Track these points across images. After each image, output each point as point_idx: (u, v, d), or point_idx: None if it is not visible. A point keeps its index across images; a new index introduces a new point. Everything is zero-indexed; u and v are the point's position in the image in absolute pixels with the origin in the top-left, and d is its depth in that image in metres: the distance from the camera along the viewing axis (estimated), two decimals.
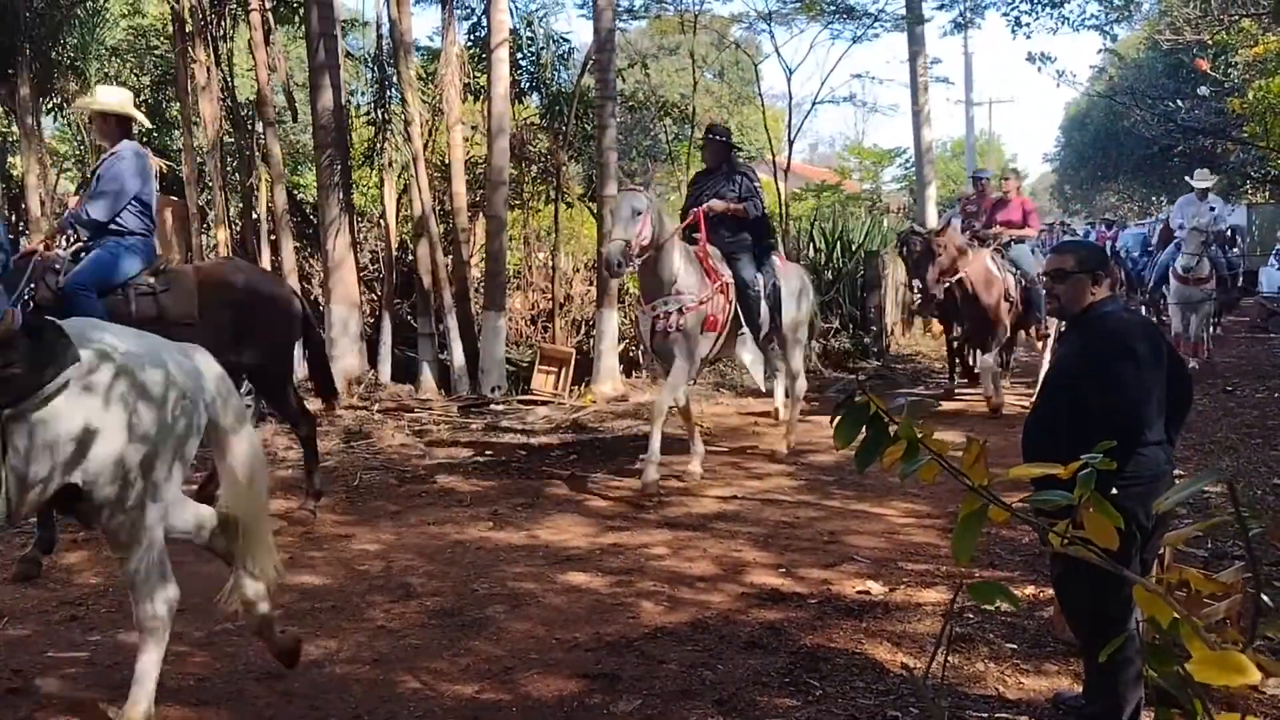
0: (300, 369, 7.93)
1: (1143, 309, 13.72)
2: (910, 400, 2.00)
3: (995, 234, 10.25)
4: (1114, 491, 2.33)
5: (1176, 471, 3.46)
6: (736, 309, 7.42)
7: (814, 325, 9.31)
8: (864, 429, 1.96)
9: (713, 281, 7.24)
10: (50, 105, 14.37)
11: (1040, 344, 10.90)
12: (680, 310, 7.00)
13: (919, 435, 1.92)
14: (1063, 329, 7.78)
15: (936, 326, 13.82)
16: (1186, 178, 13.26)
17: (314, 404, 7.44)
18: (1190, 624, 1.40)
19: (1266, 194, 26.97)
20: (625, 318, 12.74)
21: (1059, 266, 3.58)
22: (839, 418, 2.03)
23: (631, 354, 12.84)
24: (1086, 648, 3.48)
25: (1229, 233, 14.32)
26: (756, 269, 7.65)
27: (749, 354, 7.78)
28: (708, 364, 8.32)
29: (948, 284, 9.45)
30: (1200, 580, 1.63)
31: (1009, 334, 10.05)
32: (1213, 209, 12.66)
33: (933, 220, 17.69)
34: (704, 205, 7.54)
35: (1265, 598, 3.20)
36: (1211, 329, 15.49)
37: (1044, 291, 9.11)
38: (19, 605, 5.00)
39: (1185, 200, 13.04)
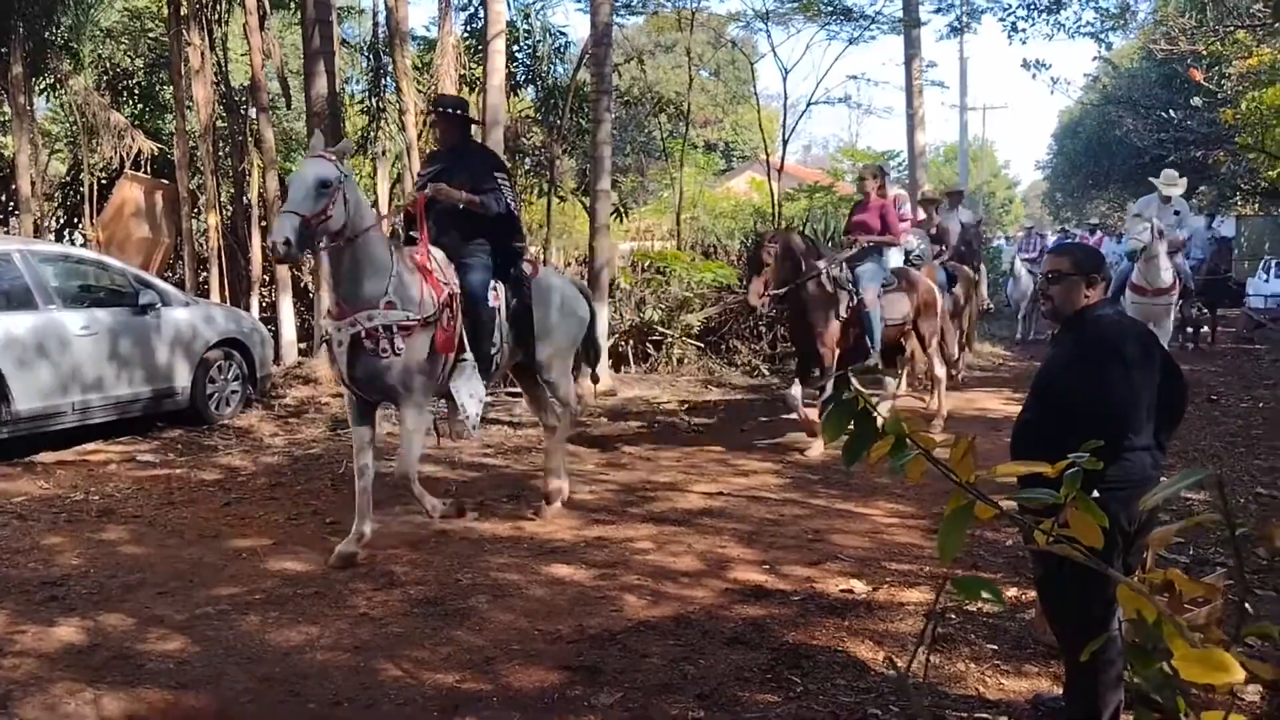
0: None
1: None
2: (898, 400, 2.00)
3: (851, 242, 8.80)
4: (1095, 494, 2.34)
5: (1161, 479, 3.46)
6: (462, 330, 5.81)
7: (594, 350, 7.42)
8: (852, 424, 1.96)
9: (438, 294, 5.62)
10: (43, 86, 14.28)
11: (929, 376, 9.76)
12: (394, 330, 5.34)
13: (906, 431, 1.92)
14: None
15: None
16: (1151, 179, 12.29)
17: None
18: (1174, 622, 1.41)
19: (1256, 205, 27.11)
20: (615, 311, 12.73)
21: (1055, 268, 3.59)
22: (827, 413, 2.03)
23: (621, 349, 12.83)
24: (1067, 649, 3.48)
25: (1188, 241, 13.31)
26: (496, 279, 6.03)
27: (467, 389, 5.85)
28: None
29: (768, 298, 8.18)
30: (1185, 582, 1.63)
31: (834, 364, 8.22)
32: (1177, 213, 11.82)
33: None
34: (426, 190, 5.99)
35: (1247, 604, 3.21)
36: (1195, 343, 15.47)
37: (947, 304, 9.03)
38: None
39: (1146, 201, 12.07)
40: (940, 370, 9.31)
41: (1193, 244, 15.62)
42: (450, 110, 6.27)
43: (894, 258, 9.67)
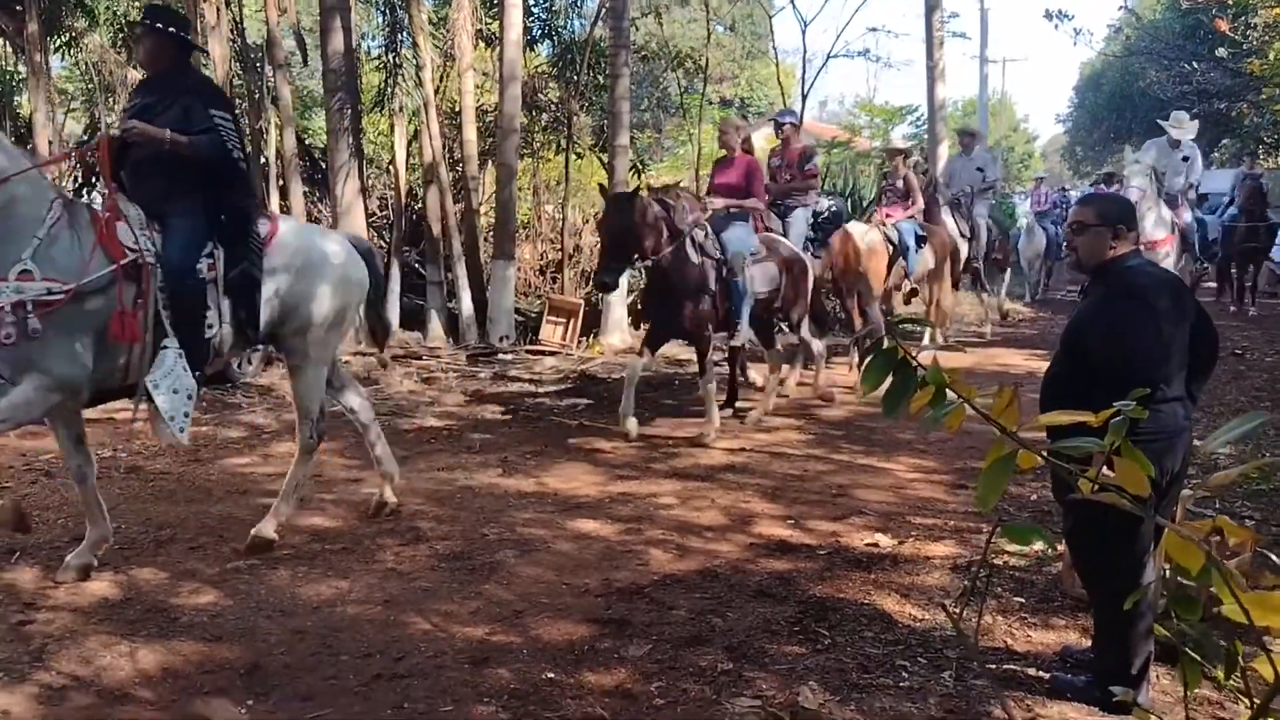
0: None
1: None
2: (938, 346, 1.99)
3: (707, 205, 7.58)
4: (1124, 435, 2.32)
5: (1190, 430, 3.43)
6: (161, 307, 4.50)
7: (382, 324, 6.18)
8: (891, 375, 1.95)
9: (116, 258, 4.35)
10: (59, 44, 14.23)
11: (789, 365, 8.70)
12: (25, 307, 4.08)
13: (948, 380, 1.91)
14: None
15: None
16: (1159, 120, 11.55)
17: None
18: (1224, 569, 1.40)
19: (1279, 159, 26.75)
20: (635, 270, 12.68)
21: (1079, 219, 3.55)
22: (867, 363, 2.01)
23: (639, 306, 12.80)
24: (1097, 602, 3.48)
25: (1195, 187, 11.90)
26: (211, 241, 4.68)
27: (168, 383, 4.52)
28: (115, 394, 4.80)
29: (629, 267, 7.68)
30: (1233, 527, 1.62)
31: (708, 347, 7.35)
32: (1185, 158, 11.00)
33: None
34: (114, 129, 4.90)
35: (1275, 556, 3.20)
36: (1238, 303, 14.20)
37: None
38: (31, 540, 5.02)
39: (1152, 145, 11.12)
40: (818, 346, 8.35)
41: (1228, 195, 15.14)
42: (159, 25, 4.76)
43: (797, 222, 8.86)
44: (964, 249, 11.89)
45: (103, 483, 6.07)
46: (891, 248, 9.85)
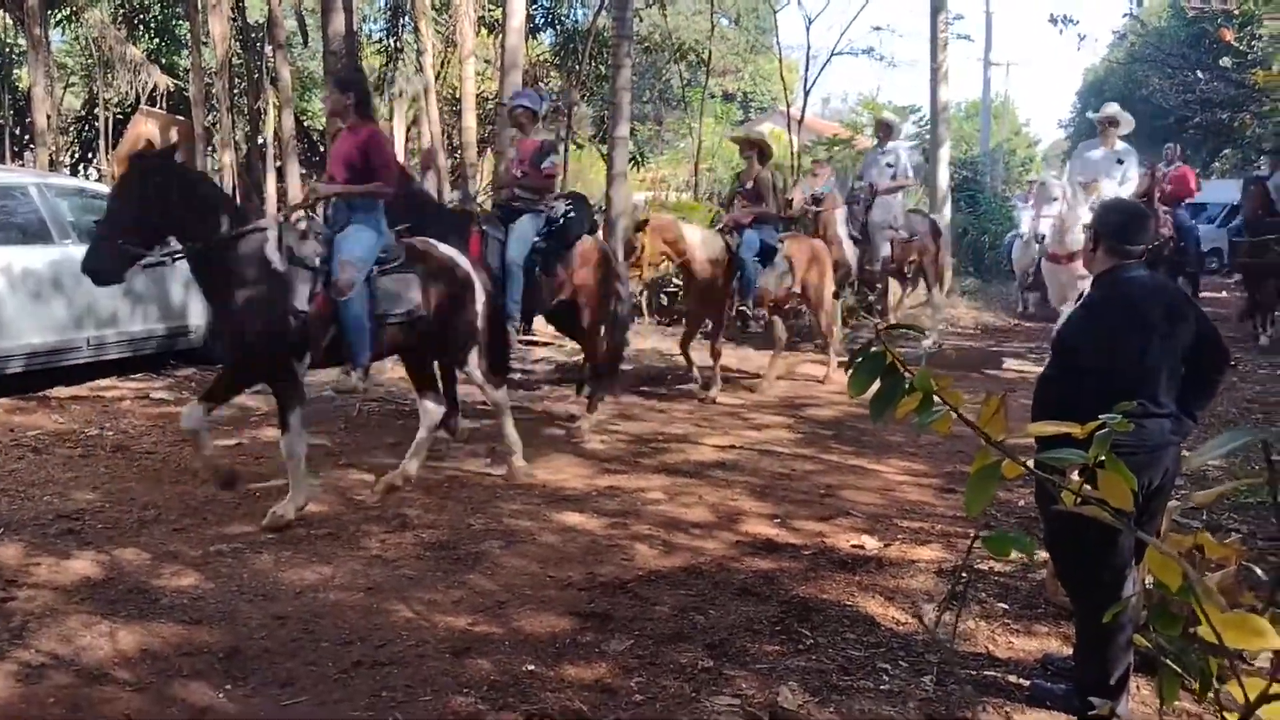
0: None
1: None
2: (928, 350, 1.98)
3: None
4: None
5: (1177, 445, 3.42)
6: None
7: None
8: (879, 379, 1.93)
9: None
10: (59, 18, 14.17)
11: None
12: None
13: (935, 387, 1.90)
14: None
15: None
16: (1090, 114, 10.70)
17: None
18: (1203, 587, 1.39)
19: None
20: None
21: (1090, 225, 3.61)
22: (854, 367, 2.00)
23: (635, 299, 12.78)
24: (1079, 612, 3.48)
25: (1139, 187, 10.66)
26: None
27: None
28: None
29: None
30: (1213, 545, 1.61)
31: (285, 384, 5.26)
32: (1120, 161, 10.00)
33: (944, 180, 17.53)
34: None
35: (1259, 570, 3.20)
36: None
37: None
38: (16, 516, 5.01)
39: (1085, 146, 10.52)
40: (496, 396, 6.04)
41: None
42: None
43: (520, 231, 6.98)
44: (850, 255, 10.75)
45: (88, 461, 6.09)
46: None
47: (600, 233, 8.97)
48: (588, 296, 7.25)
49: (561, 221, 7.17)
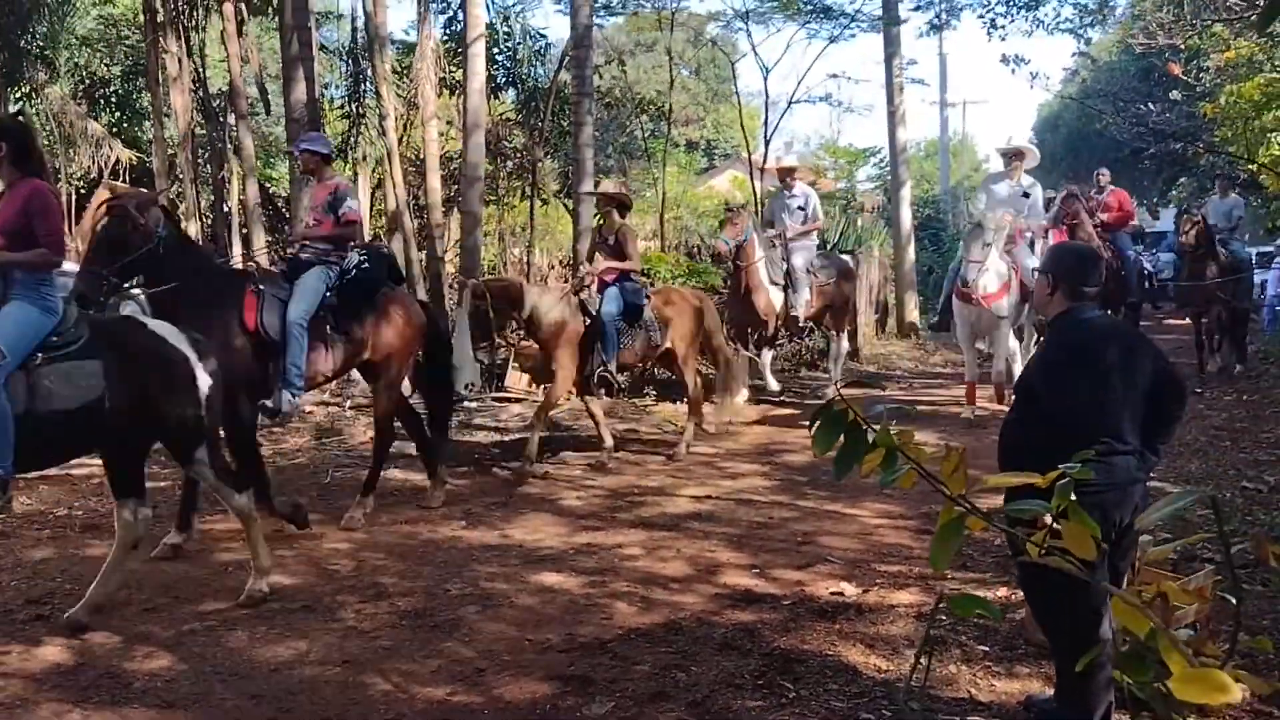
0: None
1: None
2: (889, 407, 1.99)
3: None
4: (1073, 498, 2.34)
5: (1144, 483, 3.45)
6: None
7: None
8: (842, 436, 1.95)
9: None
10: (19, 95, 14.18)
11: None
12: None
13: (897, 443, 1.91)
14: None
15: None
16: (996, 148, 10.27)
17: None
18: (1170, 638, 1.40)
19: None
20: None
21: (1040, 267, 3.65)
22: (817, 424, 2.01)
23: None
24: (1057, 652, 3.48)
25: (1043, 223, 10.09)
26: None
27: None
28: None
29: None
30: (1177, 592, 1.63)
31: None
32: (1026, 194, 9.69)
33: (907, 220, 17.75)
34: None
35: (1234, 601, 3.21)
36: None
37: None
38: None
39: (990, 180, 10.13)
40: (237, 502, 5.06)
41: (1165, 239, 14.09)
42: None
43: (305, 287, 6.24)
44: (776, 301, 10.26)
45: (57, 542, 6.00)
46: (587, 321, 7.83)
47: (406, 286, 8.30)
48: (392, 356, 6.59)
49: (354, 273, 6.47)
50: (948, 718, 3.68)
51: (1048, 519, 1.95)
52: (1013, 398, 3.80)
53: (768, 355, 10.79)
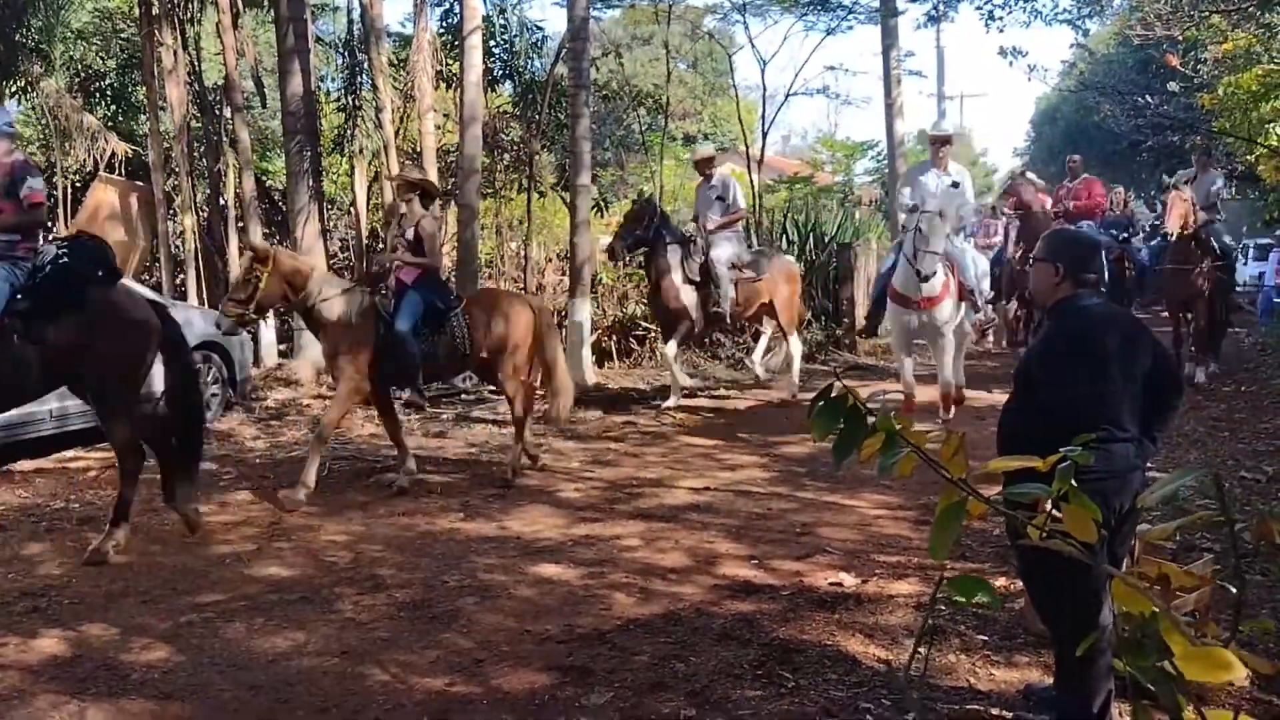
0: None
1: None
2: (887, 397, 1.98)
3: None
4: (1072, 484, 2.33)
5: (1145, 470, 3.45)
6: None
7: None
8: (841, 421, 1.93)
9: None
10: (14, 88, 14.13)
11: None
12: None
13: (897, 427, 1.90)
14: None
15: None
16: (926, 129, 9.54)
17: None
18: (1171, 619, 1.39)
19: (1233, 190, 27.28)
20: (598, 307, 12.71)
21: (1034, 254, 3.63)
22: (816, 410, 2.00)
23: (604, 344, 12.80)
24: (1056, 640, 3.48)
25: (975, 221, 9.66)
26: None
27: None
28: None
29: None
30: (1179, 575, 1.62)
31: None
32: (955, 184, 8.69)
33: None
34: None
35: (1235, 586, 3.20)
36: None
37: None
38: None
39: (917, 170, 9.28)
40: None
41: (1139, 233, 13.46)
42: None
43: None
44: (688, 299, 9.71)
45: (55, 534, 5.98)
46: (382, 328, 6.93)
47: (131, 283, 7.01)
48: (112, 367, 5.52)
49: (50, 270, 5.47)
50: (947, 706, 3.68)
51: (1047, 503, 1.94)
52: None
53: (672, 347, 9.99)
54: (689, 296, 9.75)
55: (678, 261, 9.73)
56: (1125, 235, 13.87)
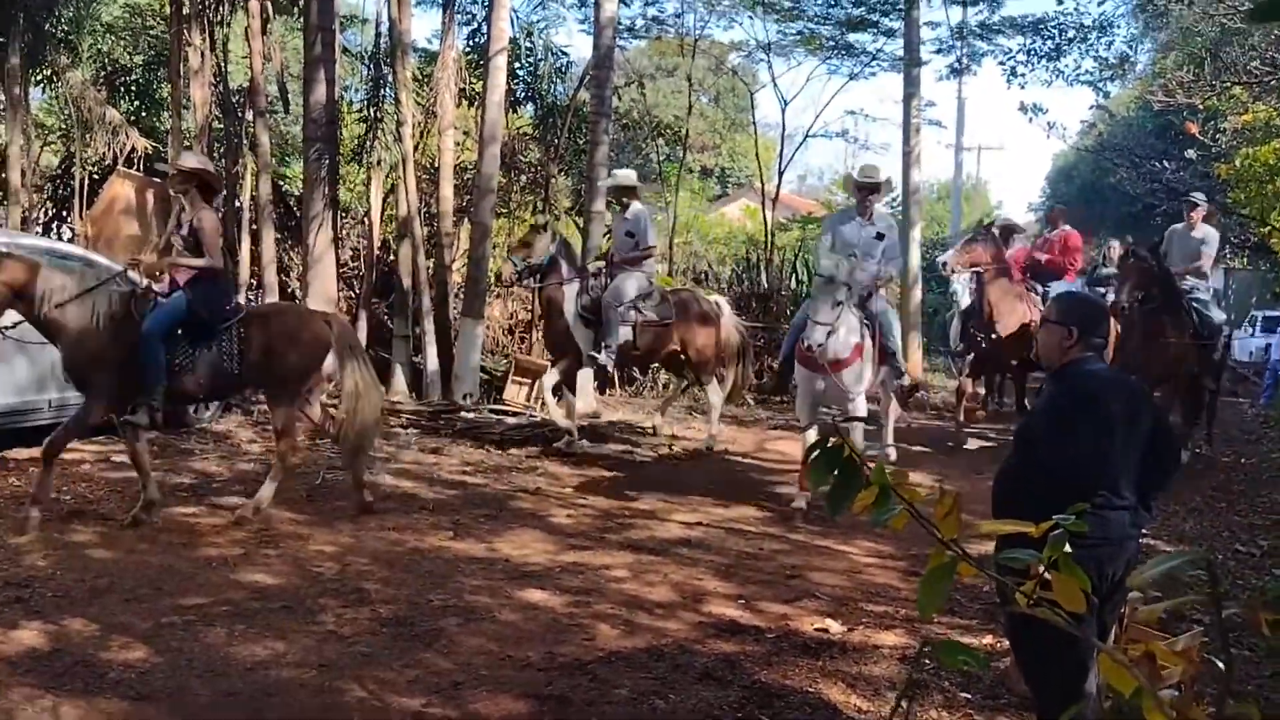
0: None
1: None
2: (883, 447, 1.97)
3: None
4: (1067, 550, 2.31)
5: (1138, 538, 3.43)
6: None
7: None
8: (837, 472, 1.92)
9: None
10: (40, 77, 14.23)
11: None
12: None
13: (892, 483, 1.89)
14: None
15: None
16: (849, 171, 8.83)
17: None
18: (1154, 698, 1.38)
19: (1245, 260, 27.31)
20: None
21: (1045, 314, 3.63)
22: (812, 460, 1.99)
23: (607, 371, 12.77)
24: (1040, 705, 3.45)
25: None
26: None
27: None
28: None
29: None
30: (1165, 653, 1.60)
31: None
32: (880, 235, 7.98)
33: (915, 261, 17.75)
34: None
35: (1221, 659, 3.16)
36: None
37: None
38: None
39: (839, 219, 8.40)
40: None
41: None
42: None
43: None
44: (579, 335, 9.10)
45: (43, 526, 5.95)
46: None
47: None
48: None
49: None
50: None
51: (1039, 569, 1.92)
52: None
53: (551, 377, 9.35)
54: (580, 333, 9.09)
55: (573, 295, 9.06)
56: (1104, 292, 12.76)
